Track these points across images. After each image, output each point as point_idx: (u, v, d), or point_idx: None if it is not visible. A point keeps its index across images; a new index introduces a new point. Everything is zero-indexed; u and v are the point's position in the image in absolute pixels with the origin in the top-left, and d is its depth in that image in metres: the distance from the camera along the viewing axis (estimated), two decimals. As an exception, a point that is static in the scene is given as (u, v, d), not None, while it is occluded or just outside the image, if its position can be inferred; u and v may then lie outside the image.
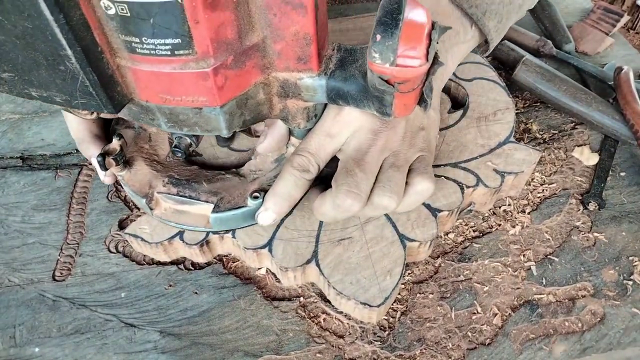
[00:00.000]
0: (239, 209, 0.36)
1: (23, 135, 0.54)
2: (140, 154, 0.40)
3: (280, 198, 0.36)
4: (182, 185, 0.37)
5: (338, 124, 0.37)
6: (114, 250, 0.44)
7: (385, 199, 0.35)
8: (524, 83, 0.55)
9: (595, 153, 0.51)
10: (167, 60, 0.26)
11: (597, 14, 0.66)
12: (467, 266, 0.42)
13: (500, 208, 0.46)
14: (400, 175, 0.36)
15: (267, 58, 0.30)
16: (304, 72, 0.31)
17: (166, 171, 0.39)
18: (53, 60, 0.25)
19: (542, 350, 0.37)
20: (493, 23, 0.42)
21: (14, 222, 0.46)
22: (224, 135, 0.32)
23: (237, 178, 0.39)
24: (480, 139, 0.46)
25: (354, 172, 0.36)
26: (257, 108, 0.32)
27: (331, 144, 0.37)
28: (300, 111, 0.34)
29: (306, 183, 0.36)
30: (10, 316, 0.40)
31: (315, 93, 0.32)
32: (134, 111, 0.31)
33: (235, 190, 0.37)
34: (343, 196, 0.35)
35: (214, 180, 0.38)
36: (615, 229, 0.45)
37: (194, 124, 0.31)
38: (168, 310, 0.40)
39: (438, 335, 0.38)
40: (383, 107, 0.31)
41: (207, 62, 0.26)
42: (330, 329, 0.39)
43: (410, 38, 0.27)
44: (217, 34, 0.26)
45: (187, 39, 0.25)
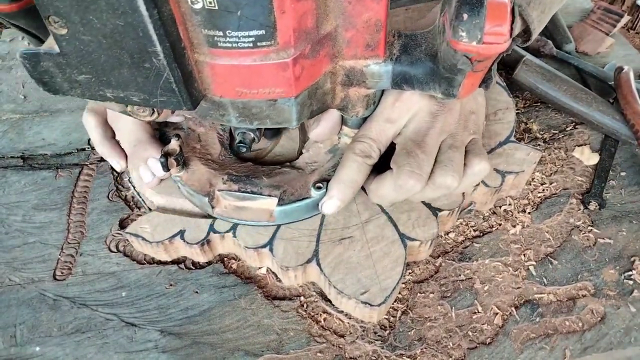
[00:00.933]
0: (303, 200, 0.37)
1: (24, 134, 0.54)
2: (194, 154, 0.40)
3: (345, 185, 0.36)
4: (243, 182, 0.38)
5: (398, 109, 0.38)
6: (115, 249, 0.44)
7: (448, 178, 0.36)
8: (524, 83, 0.55)
9: (596, 153, 0.51)
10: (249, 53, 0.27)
11: (597, 14, 0.66)
12: (467, 266, 0.42)
13: (501, 208, 0.46)
14: (459, 155, 0.37)
15: (337, 47, 0.30)
16: (371, 58, 0.31)
17: (222, 169, 0.39)
18: (139, 58, 0.25)
19: (543, 350, 0.37)
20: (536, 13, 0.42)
21: (15, 222, 0.46)
22: (292, 126, 0.32)
23: (296, 171, 0.39)
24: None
25: (415, 153, 0.36)
26: (323, 97, 0.33)
27: (391, 128, 0.38)
28: (360, 99, 0.35)
29: (368, 168, 0.37)
30: (11, 315, 0.40)
31: (380, 79, 0.33)
32: (204, 107, 0.31)
33: (296, 182, 0.38)
34: (406, 177, 0.35)
35: (273, 175, 0.39)
36: (616, 228, 0.45)
37: (265, 117, 0.31)
38: (169, 309, 0.40)
39: (439, 335, 0.38)
40: (450, 88, 0.32)
41: (287, 52, 0.27)
42: (331, 328, 0.39)
43: (496, 16, 0.27)
44: (299, 23, 0.26)
45: (271, 30, 0.26)
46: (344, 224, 0.41)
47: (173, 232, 0.40)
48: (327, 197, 0.37)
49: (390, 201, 0.38)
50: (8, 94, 0.58)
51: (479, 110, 0.42)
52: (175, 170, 0.38)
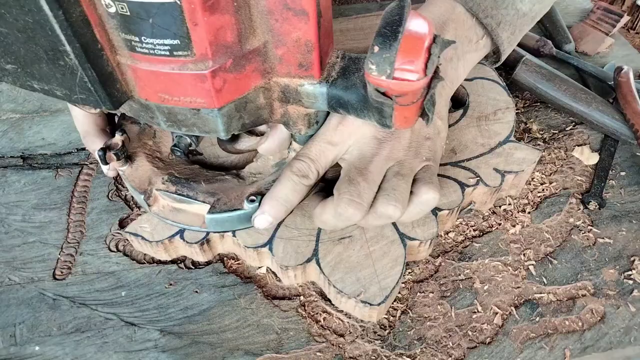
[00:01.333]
0: (234, 211, 0.36)
1: (24, 134, 0.54)
2: (144, 150, 0.40)
3: (277, 202, 0.36)
4: (181, 184, 0.37)
5: (340, 132, 0.37)
6: (115, 249, 0.44)
7: (390, 208, 0.35)
8: (524, 83, 0.55)
9: (596, 153, 0.51)
10: (166, 61, 0.26)
11: (597, 14, 0.66)
12: (467, 265, 0.42)
13: (501, 207, 0.46)
14: (404, 184, 0.36)
15: (269, 63, 0.29)
16: (305, 78, 0.30)
17: (167, 169, 0.39)
18: (53, 55, 0.25)
19: (543, 350, 0.37)
20: (506, 34, 0.42)
21: (15, 221, 0.46)
22: (222, 137, 0.32)
23: (236, 180, 0.39)
24: (481, 138, 0.46)
25: (356, 181, 0.35)
26: (257, 112, 0.32)
27: (332, 151, 0.37)
28: (301, 117, 0.34)
29: (304, 189, 0.36)
30: (11, 315, 0.40)
31: (315, 100, 0.32)
32: (135, 108, 0.31)
33: (232, 192, 0.37)
34: (345, 205, 0.34)
35: (213, 181, 0.38)
36: (616, 228, 0.45)
37: (192, 125, 0.31)
38: (168, 309, 0.40)
39: (438, 334, 0.38)
40: (383, 119, 0.31)
41: (205, 64, 0.26)
42: (330, 328, 0.39)
43: (408, 51, 0.26)
44: (215, 37, 0.26)
45: (186, 41, 0.25)
46: (343, 224, 0.41)
47: (173, 231, 0.40)
48: (259, 212, 0.36)
49: (333, 227, 0.37)
50: (8, 94, 0.59)
51: (436, 136, 0.40)
52: (117, 164, 0.38)
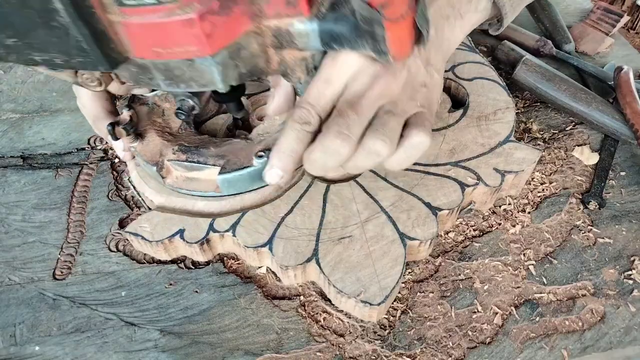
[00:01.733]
0: (245, 169, 0.36)
1: (24, 134, 0.54)
2: (153, 127, 0.41)
3: (284, 154, 0.35)
4: (191, 152, 0.38)
5: (335, 69, 0.35)
6: (115, 249, 0.44)
7: (378, 143, 0.34)
8: (524, 83, 0.55)
9: (596, 152, 0.51)
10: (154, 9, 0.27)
11: (597, 14, 0.66)
12: (467, 265, 0.42)
13: (501, 207, 0.46)
14: (395, 121, 0.35)
15: (256, 4, 0.30)
16: (295, 17, 0.30)
17: (177, 141, 0.40)
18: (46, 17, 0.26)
19: (543, 349, 0.37)
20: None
21: (15, 221, 0.46)
22: (220, 89, 0.32)
23: (244, 141, 0.39)
24: (481, 138, 0.46)
25: (346, 113, 0.34)
26: (253, 60, 0.32)
27: (329, 89, 0.36)
28: (298, 63, 0.34)
29: (308, 135, 0.35)
30: (11, 315, 0.40)
31: (308, 39, 0.32)
32: (133, 72, 0.31)
33: (241, 152, 0.38)
34: (332, 137, 0.33)
35: (222, 145, 0.39)
36: (616, 228, 0.45)
37: (189, 79, 0.31)
38: (168, 309, 0.40)
39: (438, 334, 0.38)
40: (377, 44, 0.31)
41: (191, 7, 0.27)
42: (330, 328, 0.39)
43: None
44: None
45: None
46: (343, 223, 0.41)
47: (173, 231, 0.40)
48: (268, 167, 0.35)
49: (321, 167, 0.36)
50: (8, 94, 0.58)
51: (432, 86, 0.39)
52: (128, 140, 0.39)
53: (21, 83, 0.60)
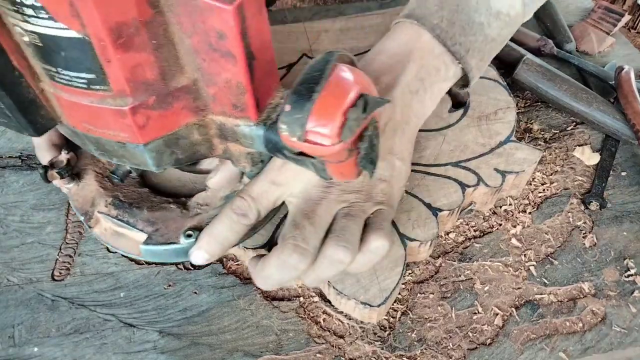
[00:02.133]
0: (170, 245, 0.35)
1: (22, 134, 0.53)
2: (95, 168, 0.39)
3: (214, 240, 0.33)
4: (123, 209, 0.36)
5: (285, 173, 0.34)
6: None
7: (340, 250, 0.32)
8: (524, 82, 0.55)
9: (596, 153, 0.50)
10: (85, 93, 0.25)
11: (598, 14, 0.66)
12: (467, 266, 0.42)
13: (501, 208, 0.46)
14: (355, 225, 0.33)
15: (201, 100, 0.28)
16: (241, 119, 0.29)
17: (115, 190, 0.38)
18: None
19: (543, 351, 0.37)
20: (475, 61, 0.40)
21: (13, 222, 0.45)
22: (154, 170, 0.30)
23: (180, 210, 0.37)
24: (481, 138, 0.46)
25: (302, 224, 0.33)
26: (193, 147, 0.30)
27: (275, 192, 0.34)
28: (243, 155, 0.32)
29: (243, 228, 0.34)
30: (9, 316, 0.39)
31: (253, 142, 0.30)
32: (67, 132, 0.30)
33: (173, 223, 0.36)
34: (289, 251, 0.31)
35: (157, 209, 0.37)
36: (617, 228, 0.45)
37: (121, 156, 0.30)
38: (167, 310, 0.40)
39: (439, 336, 0.38)
40: (319, 172, 0.29)
41: (124, 100, 0.25)
42: (330, 329, 0.38)
43: (322, 114, 0.24)
44: (132, 74, 0.24)
45: (102, 76, 0.24)
46: (343, 224, 0.40)
47: (172, 232, 0.40)
48: (196, 247, 0.34)
49: (276, 282, 0.34)
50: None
51: (393, 179, 0.37)
52: (62, 182, 0.37)
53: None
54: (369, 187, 0.36)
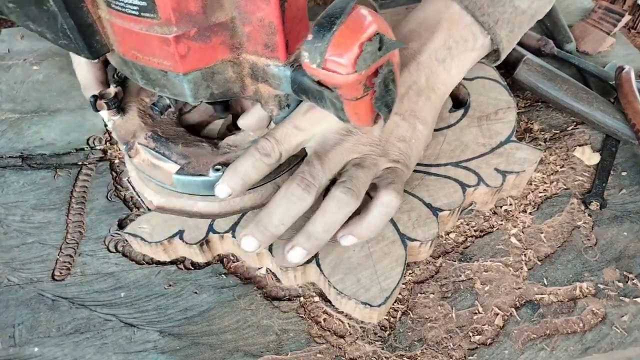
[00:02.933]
0: (199, 177, 0.37)
1: (22, 134, 0.53)
2: (138, 105, 0.41)
3: (237, 175, 0.35)
4: (160, 142, 0.39)
5: (308, 119, 0.36)
6: (114, 249, 0.43)
7: (344, 194, 0.34)
8: (525, 82, 0.55)
9: (597, 153, 0.50)
10: (136, 20, 0.28)
11: (598, 14, 0.66)
12: (468, 266, 0.42)
13: (502, 207, 0.46)
14: (363, 174, 0.35)
15: (237, 38, 0.30)
16: (272, 59, 0.31)
17: (155, 126, 0.40)
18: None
19: (544, 351, 0.37)
20: (505, 32, 0.41)
21: (14, 222, 0.45)
22: (190, 102, 0.33)
23: (211, 148, 0.40)
24: (482, 138, 0.46)
25: (312, 163, 0.35)
26: (227, 84, 0.33)
27: (298, 136, 0.36)
28: (272, 97, 0.34)
29: (265, 167, 0.36)
30: (10, 316, 0.39)
31: (281, 82, 0.32)
32: (117, 61, 0.33)
33: (204, 158, 0.38)
34: (296, 185, 0.34)
35: (190, 145, 0.39)
36: (617, 228, 0.45)
37: (163, 86, 0.32)
38: (168, 310, 0.40)
39: (439, 335, 0.38)
40: (337, 112, 0.31)
41: (169, 28, 0.28)
42: (330, 329, 0.38)
43: (339, 44, 0.26)
44: (178, 4, 0.27)
45: (152, 3, 0.26)
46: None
47: (172, 232, 0.40)
48: (220, 181, 0.36)
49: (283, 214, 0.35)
50: (7, 93, 0.58)
51: (413, 140, 0.39)
52: (109, 114, 0.40)
53: (20, 83, 0.60)
54: (387, 143, 0.37)
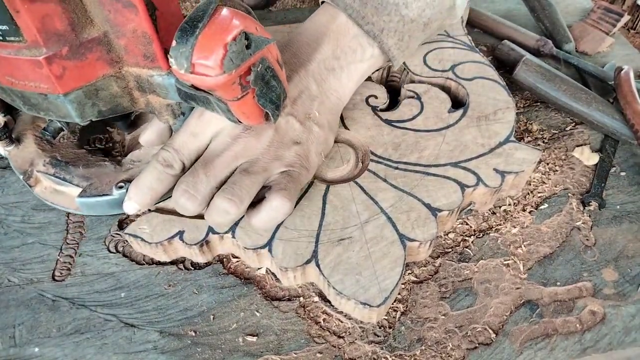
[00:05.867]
0: (103, 197, 0.37)
1: None
2: (34, 132, 0.41)
3: (142, 190, 0.36)
4: (60, 167, 0.39)
5: (201, 124, 0.37)
6: (114, 250, 0.43)
7: (224, 202, 0.35)
8: (524, 83, 0.55)
9: (596, 153, 0.50)
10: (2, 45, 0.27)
11: (598, 14, 0.66)
12: (467, 266, 0.42)
13: (501, 208, 0.46)
14: (249, 180, 0.36)
15: (114, 52, 0.30)
16: (154, 69, 0.31)
17: (54, 151, 0.40)
18: None
19: (543, 350, 0.37)
20: (393, 41, 0.41)
21: (14, 222, 0.46)
22: (79, 122, 0.32)
23: (113, 166, 0.40)
24: (481, 138, 0.46)
25: (196, 172, 0.36)
26: (114, 100, 0.33)
27: (194, 142, 0.37)
28: (164, 107, 0.35)
29: (169, 178, 0.36)
30: (10, 316, 0.40)
31: (167, 91, 0.32)
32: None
33: (106, 177, 0.39)
34: (178, 194, 0.35)
35: (91, 166, 0.39)
36: (616, 228, 0.45)
37: (46, 109, 0.32)
38: (168, 310, 0.40)
39: (438, 335, 0.38)
40: (225, 113, 0.31)
41: (38, 50, 0.27)
42: (330, 329, 0.39)
43: (204, 47, 0.27)
44: (43, 24, 0.26)
45: (14, 27, 0.26)
46: (343, 225, 0.41)
47: (172, 232, 0.40)
48: (126, 198, 0.36)
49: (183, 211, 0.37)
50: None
51: (310, 142, 0.39)
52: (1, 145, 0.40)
53: (20, 83, 0.60)
54: (279, 146, 0.38)
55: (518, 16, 0.69)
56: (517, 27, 0.64)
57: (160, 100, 0.34)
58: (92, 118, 0.32)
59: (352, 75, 0.43)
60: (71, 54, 0.28)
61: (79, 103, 0.31)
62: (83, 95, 0.30)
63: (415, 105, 0.50)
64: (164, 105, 0.34)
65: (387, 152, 0.46)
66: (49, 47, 0.27)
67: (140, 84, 0.32)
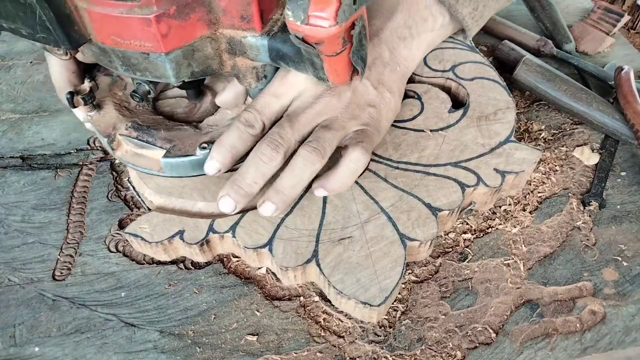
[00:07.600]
0: (187, 157, 0.38)
1: (23, 134, 0.54)
2: (113, 99, 0.42)
3: (224, 149, 0.37)
4: (142, 130, 0.40)
5: (284, 85, 0.38)
6: (114, 249, 0.43)
7: (311, 153, 0.36)
8: (524, 83, 0.55)
9: (596, 153, 0.50)
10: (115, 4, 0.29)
11: (598, 14, 0.66)
12: (467, 266, 0.42)
13: (501, 207, 0.46)
14: (330, 135, 0.37)
15: (213, 14, 0.32)
16: (248, 31, 0.33)
17: (133, 117, 0.41)
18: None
19: (543, 350, 0.37)
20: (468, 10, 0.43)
21: (14, 222, 0.46)
22: (173, 83, 0.34)
23: (193, 129, 0.41)
24: (481, 138, 0.46)
25: (282, 125, 0.37)
26: (206, 61, 0.34)
27: (277, 103, 0.38)
28: (249, 70, 0.36)
29: (250, 138, 0.37)
30: (10, 316, 0.40)
31: (258, 52, 0.34)
32: (95, 52, 0.33)
33: (188, 139, 0.39)
34: (265, 145, 0.36)
35: (172, 129, 0.40)
36: (616, 228, 0.45)
37: (144, 69, 0.33)
38: (168, 309, 0.40)
39: (438, 335, 0.38)
40: (316, 71, 0.33)
41: (149, 9, 0.29)
42: (330, 329, 0.39)
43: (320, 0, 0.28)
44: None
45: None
46: (343, 224, 0.41)
47: (172, 232, 0.40)
48: (209, 158, 0.37)
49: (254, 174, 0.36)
50: (7, 94, 0.58)
51: (382, 106, 0.41)
52: (85, 109, 0.41)
53: (20, 83, 0.60)
54: (357, 107, 0.40)
55: (518, 16, 0.69)
56: (517, 27, 0.64)
57: (247, 62, 0.35)
58: (185, 79, 0.34)
59: (421, 45, 0.45)
60: (177, 14, 0.30)
61: (177, 63, 0.32)
62: (181, 55, 0.32)
63: (415, 105, 0.50)
64: (250, 67, 0.36)
65: (387, 152, 0.46)
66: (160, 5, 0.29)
67: (232, 46, 0.34)
